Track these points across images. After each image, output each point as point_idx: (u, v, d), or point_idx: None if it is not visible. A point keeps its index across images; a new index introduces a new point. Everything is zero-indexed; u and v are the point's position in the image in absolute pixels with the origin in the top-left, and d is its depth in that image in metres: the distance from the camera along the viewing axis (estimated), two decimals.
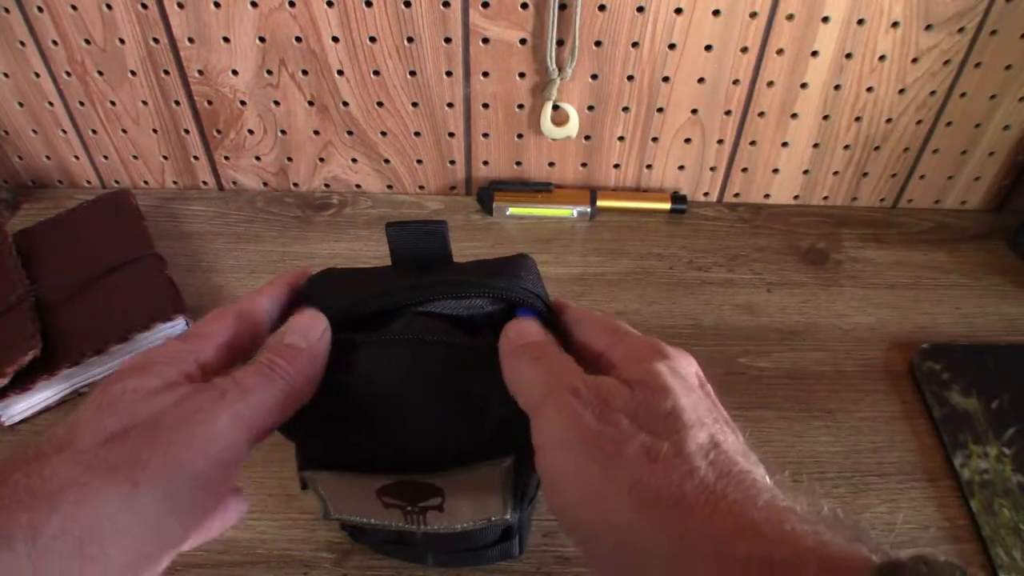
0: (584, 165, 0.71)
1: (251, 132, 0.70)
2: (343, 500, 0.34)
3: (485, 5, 0.60)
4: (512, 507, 0.34)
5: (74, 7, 0.62)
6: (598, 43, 0.63)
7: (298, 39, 0.63)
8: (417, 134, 0.69)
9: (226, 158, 0.72)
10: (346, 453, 0.31)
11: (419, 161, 0.72)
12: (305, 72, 0.65)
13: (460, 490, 0.32)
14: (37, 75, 0.67)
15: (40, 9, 0.62)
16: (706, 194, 0.74)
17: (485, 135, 0.69)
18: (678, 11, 0.60)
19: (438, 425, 0.30)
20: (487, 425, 0.30)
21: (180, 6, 0.61)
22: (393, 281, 0.33)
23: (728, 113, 0.67)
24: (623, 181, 0.73)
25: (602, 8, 0.60)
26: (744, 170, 0.72)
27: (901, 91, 0.65)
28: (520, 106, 0.67)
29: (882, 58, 0.63)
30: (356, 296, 0.32)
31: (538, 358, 0.28)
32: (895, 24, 0.61)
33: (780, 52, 0.63)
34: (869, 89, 0.65)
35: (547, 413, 0.26)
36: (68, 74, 0.66)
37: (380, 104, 0.67)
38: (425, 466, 0.31)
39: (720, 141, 0.69)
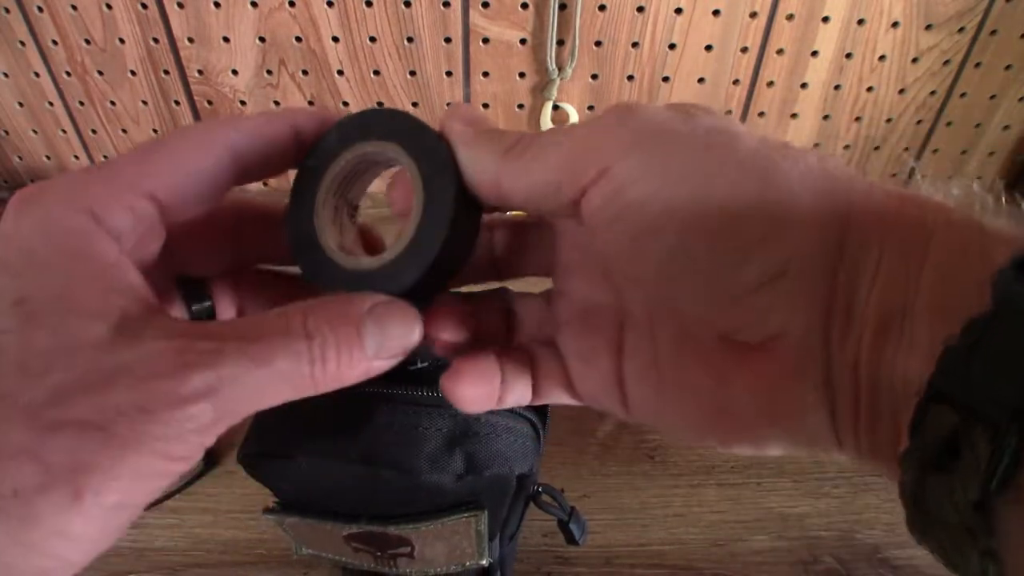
0: None
1: None
2: (312, 541, 0.33)
3: (485, 5, 0.60)
4: (488, 552, 0.33)
5: (74, 7, 0.62)
6: (598, 43, 0.63)
7: (298, 39, 0.63)
8: None
9: None
10: (312, 499, 0.30)
11: None
12: (305, 72, 0.65)
13: (431, 539, 0.31)
14: (37, 75, 0.67)
15: (40, 9, 0.62)
16: None
17: None
18: (678, 11, 0.60)
19: (403, 475, 0.29)
20: (448, 479, 0.29)
21: (180, 6, 0.61)
22: None
23: (728, 113, 0.67)
24: None
25: (602, 8, 0.60)
26: None
27: (901, 91, 0.65)
28: (520, 106, 0.67)
29: (882, 58, 0.63)
30: None
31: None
32: (895, 24, 0.61)
33: (780, 52, 0.63)
34: (869, 89, 0.65)
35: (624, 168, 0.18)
36: (68, 74, 0.66)
37: (380, 104, 0.67)
38: (392, 518, 0.30)
39: None
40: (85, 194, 0.18)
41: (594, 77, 0.65)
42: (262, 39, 0.63)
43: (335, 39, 0.63)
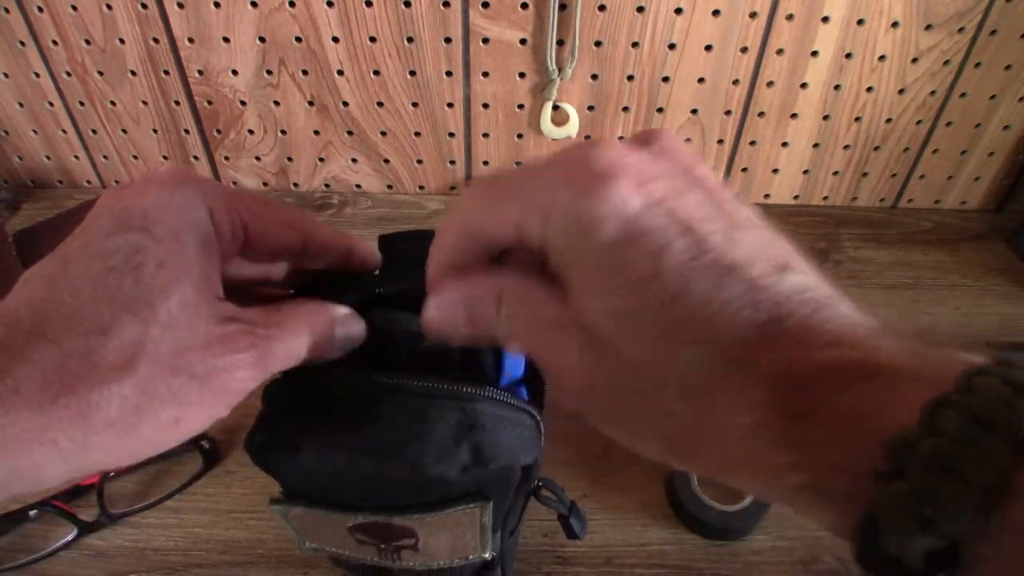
0: None
1: (251, 132, 0.70)
2: (316, 533, 0.33)
3: (485, 5, 0.60)
4: (491, 546, 0.33)
5: (74, 7, 0.62)
6: (598, 43, 0.63)
7: (298, 39, 0.63)
8: (417, 134, 0.69)
9: (226, 158, 0.72)
10: (318, 490, 0.30)
11: (419, 161, 0.72)
12: (305, 72, 0.65)
13: (435, 531, 0.31)
14: (37, 75, 0.67)
15: (40, 9, 0.62)
16: None
17: (485, 135, 0.69)
18: (678, 11, 0.60)
19: (410, 468, 0.28)
20: (453, 471, 0.29)
21: (180, 6, 0.61)
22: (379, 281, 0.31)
23: (728, 113, 0.67)
24: None
25: (602, 8, 0.60)
26: (744, 170, 0.72)
27: (901, 91, 0.65)
28: (520, 106, 0.67)
29: (882, 58, 0.63)
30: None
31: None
32: (895, 24, 0.61)
33: (780, 52, 0.63)
34: (869, 89, 0.65)
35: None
36: (68, 74, 0.66)
37: (380, 104, 0.67)
38: (397, 509, 0.30)
39: (720, 141, 0.69)
40: (214, 196, 0.24)
41: (594, 77, 0.65)
42: (262, 39, 0.63)
43: (335, 39, 0.63)
